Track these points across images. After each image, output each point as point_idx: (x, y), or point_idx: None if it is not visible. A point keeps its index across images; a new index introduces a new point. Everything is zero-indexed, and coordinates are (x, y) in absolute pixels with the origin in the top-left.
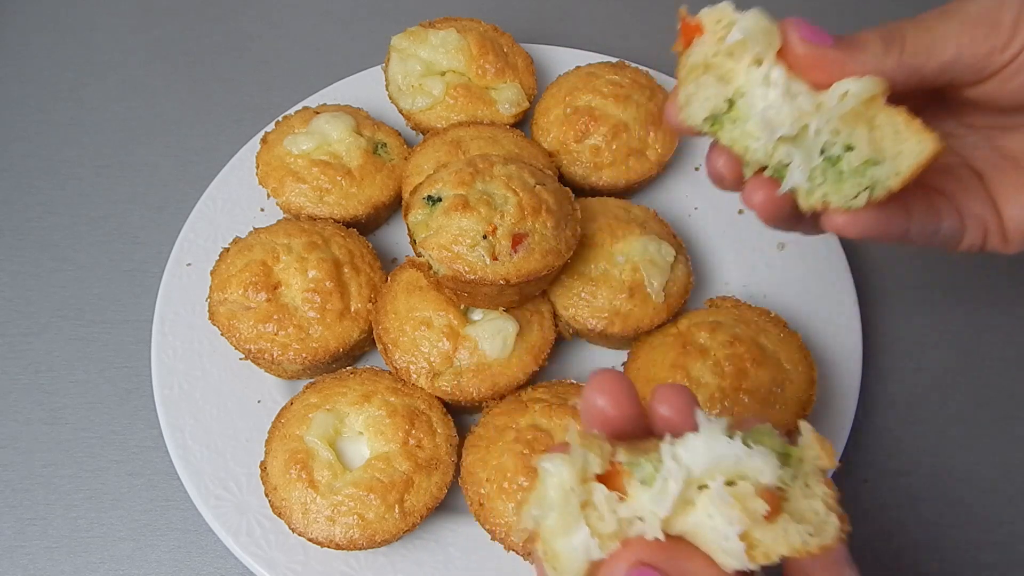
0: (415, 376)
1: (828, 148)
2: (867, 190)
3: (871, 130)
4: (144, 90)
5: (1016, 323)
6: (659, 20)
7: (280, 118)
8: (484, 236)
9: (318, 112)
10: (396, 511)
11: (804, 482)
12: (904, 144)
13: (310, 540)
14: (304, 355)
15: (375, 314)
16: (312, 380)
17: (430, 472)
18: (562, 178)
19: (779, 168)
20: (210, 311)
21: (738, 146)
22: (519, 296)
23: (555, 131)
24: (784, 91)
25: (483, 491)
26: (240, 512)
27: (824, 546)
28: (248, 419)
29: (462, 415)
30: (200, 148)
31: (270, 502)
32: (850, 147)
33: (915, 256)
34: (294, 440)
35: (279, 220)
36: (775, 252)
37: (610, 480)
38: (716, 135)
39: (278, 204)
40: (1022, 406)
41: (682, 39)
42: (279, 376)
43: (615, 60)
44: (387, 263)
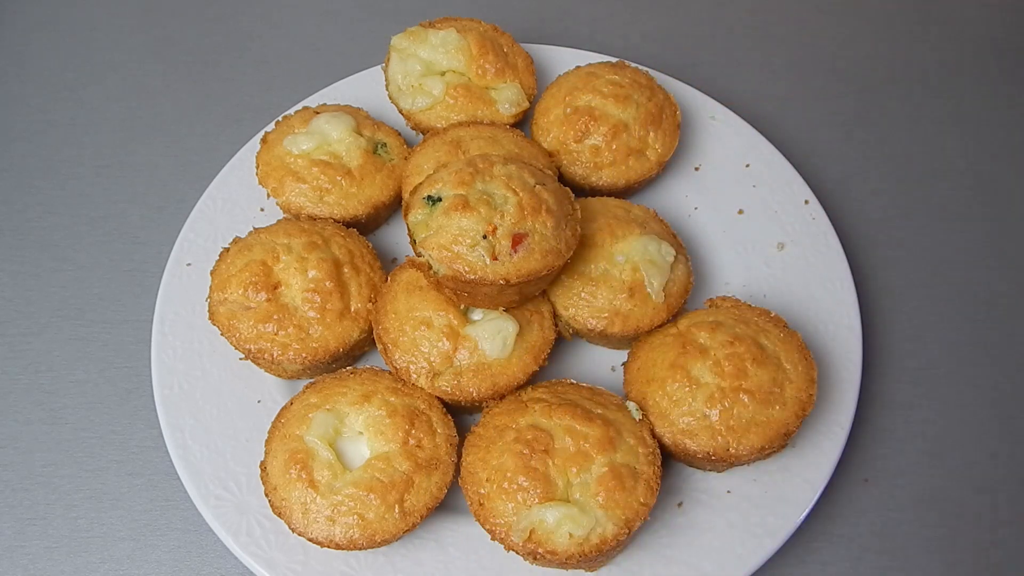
0: (415, 376)
1: None
2: None
3: None
4: (144, 90)
5: (1016, 323)
6: (659, 20)
7: (280, 118)
8: (484, 236)
9: (318, 112)
10: (396, 511)
11: None
12: None
13: (310, 540)
14: (304, 355)
15: (375, 314)
16: (312, 380)
17: (430, 472)
18: (562, 178)
19: None
20: (210, 311)
21: None
22: (519, 296)
23: (555, 131)
24: None
25: (483, 491)
26: (240, 512)
27: None
28: (248, 419)
29: (462, 415)
30: (200, 148)
31: (270, 502)
32: None
33: (915, 256)
34: (294, 440)
35: (279, 220)
36: (775, 252)
37: None
38: None
39: (278, 204)
40: (1022, 406)
41: None
42: (279, 376)
43: (615, 60)
44: (387, 263)
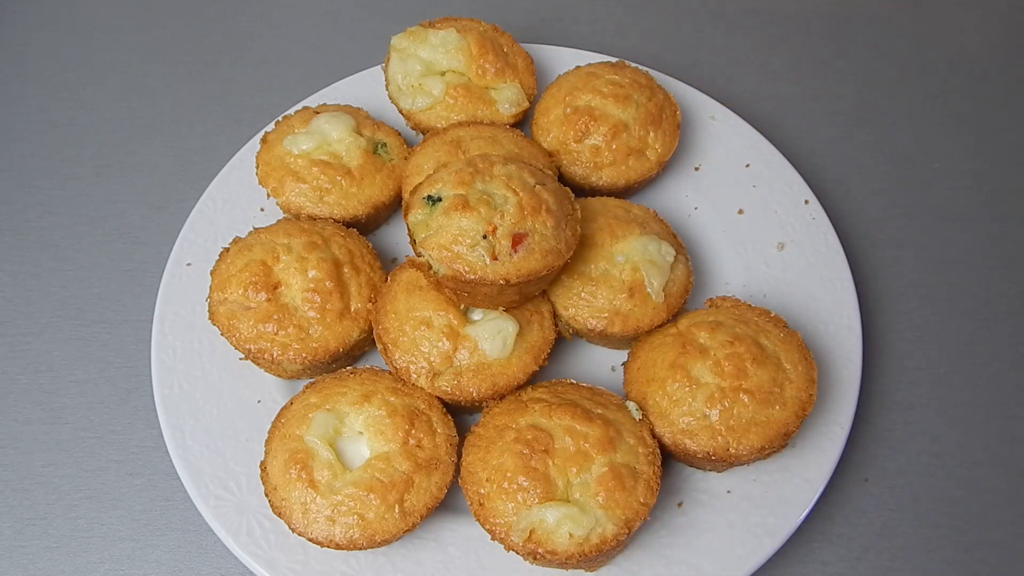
0: (415, 376)
1: None
2: None
3: None
4: (144, 90)
5: (1016, 323)
6: (659, 20)
7: (280, 118)
8: (484, 236)
9: (318, 112)
10: (396, 511)
11: None
12: None
13: (310, 540)
14: (304, 355)
15: (375, 314)
16: (312, 380)
17: (430, 472)
18: (562, 178)
19: None
20: (210, 311)
21: None
22: (519, 296)
23: (555, 131)
24: None
25: (483, 491)
26: (240, 512)
27: None
28: (248, 419)
29: (462, 415)
30: (200, 148)
31: (270, 502)
32: None
33: (915, 256)
34: (294, 440)
35: (279, 220)
36: (775, 252)
37: None
38: None
39: (278, 204)
40: (1022, 406)
41: None
42: (279, 376)
43: (615, 60)
44: (387, 263)
